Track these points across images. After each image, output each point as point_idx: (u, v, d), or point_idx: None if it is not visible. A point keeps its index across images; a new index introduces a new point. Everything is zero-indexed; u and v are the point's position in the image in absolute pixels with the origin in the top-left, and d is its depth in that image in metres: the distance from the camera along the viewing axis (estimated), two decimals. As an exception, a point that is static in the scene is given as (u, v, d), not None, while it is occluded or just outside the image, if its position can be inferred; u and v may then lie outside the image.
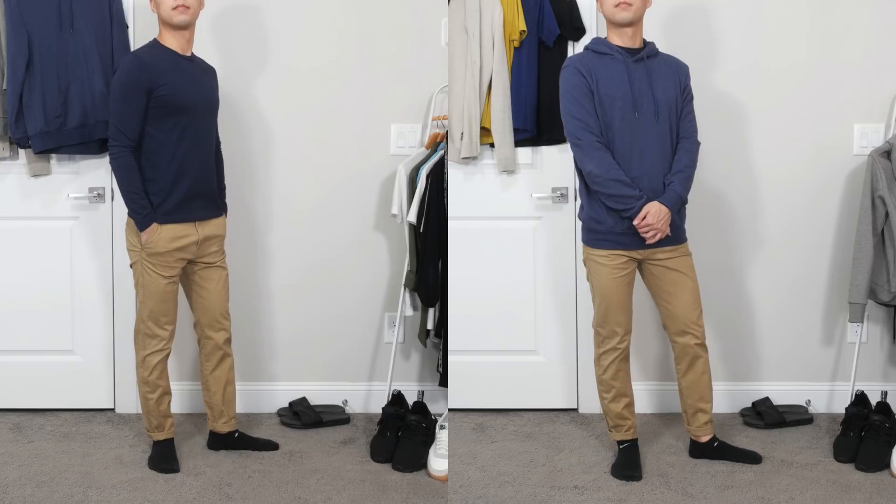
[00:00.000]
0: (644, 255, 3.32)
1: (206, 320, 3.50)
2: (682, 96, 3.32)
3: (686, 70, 3.36)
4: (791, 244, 3.94)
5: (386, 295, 4.07)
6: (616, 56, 3.25)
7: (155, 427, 3.49)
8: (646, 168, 3.23)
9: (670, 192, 3.24)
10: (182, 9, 3.28)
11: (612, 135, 3.23)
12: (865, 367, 3.94)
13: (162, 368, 3.45)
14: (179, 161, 3.31)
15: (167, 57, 3.31)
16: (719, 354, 3.99)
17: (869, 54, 3.85)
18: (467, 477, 3.43)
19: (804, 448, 3.63)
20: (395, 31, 3.96)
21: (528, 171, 3.98)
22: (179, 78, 3.29)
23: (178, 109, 3.28)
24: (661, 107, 3.25)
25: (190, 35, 3.38)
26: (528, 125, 3.88)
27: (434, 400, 3.98)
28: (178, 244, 3.35)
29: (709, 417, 3.47)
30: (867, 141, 3.86)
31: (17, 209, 3.94)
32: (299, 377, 4.10)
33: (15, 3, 3.68)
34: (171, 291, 3.39)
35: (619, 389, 3.43)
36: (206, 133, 3.41)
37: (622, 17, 3.21)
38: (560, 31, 3.85)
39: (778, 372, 4.01)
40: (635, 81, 3.24)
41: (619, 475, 3.39)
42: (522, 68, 3.87)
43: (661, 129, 3.25)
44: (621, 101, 3.22)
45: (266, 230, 4.01)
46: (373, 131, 3.99)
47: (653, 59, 3.30)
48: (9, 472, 3.42)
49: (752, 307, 3.98)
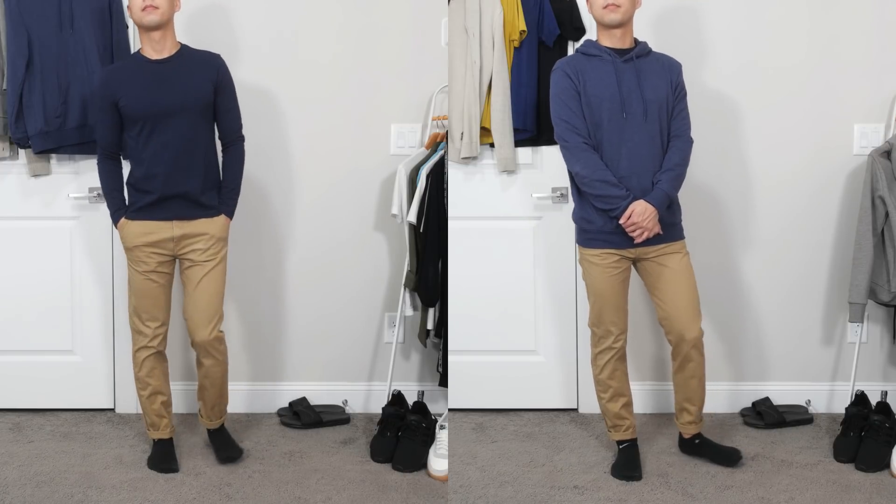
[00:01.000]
0: (636, 254, 3.32)
1: (191, 321, 3.42)
2: (673, 94, 3.31)
3: (678, 68, 3.35)
4: (791, 244, 3.94)
5: (386, 295, 4.07)
6: (605, 57, 3.26)
7: (150, 425, 3.51)
8: (634, 168, 3.24)
9: (657, 191, 3.23)
10: (150, 9, 3.28)
11: (601, 135, 3.24)
12: (865, 367, 3.94)
13: (151, 367, 3.44)
14: (146, 164, 3.34)
15: (135, 67, 3.37)
16: (719, 354, 3.99)
17: (869, 54, 3.85)
18: (467, 477, 3.43)
19: (804, 448, 3.63)
20: (395, 31, 3.96)
21: (527, 171, 3.98)
22: (140, 87, 3.31)
23: (139, 118, 3.32)
24: (650, 106, 3.25)
25: (162, 36, 3.34)
26: (528, 125, 3.88)
27: (434, 400, 3.98)
28: (148, 239, 3.36)
29: (693, 418, 3.47)
30: (867, 141, 3.86)
31: (17, 209, 3.94)
32: (299, 377, 4.10)
33: (15, 3, 3.68)
34: (149, 288, 3.38)
35: (617, 389, 3.43)
36: (178, 135, 3.34)
37: (610, 18, 3.22)
38: (560, 31, 3.86)
39: (778, 372, 4.01)
40: (624, 82, 3.24)
41: (619, 475, 3.39)
42: (522, 68, 3.87)
43: (651, 128, 3.25)
44: (609, 101, 3.23)
45: (266, 230, 4.01)
46: (373, 131, 3.99)
47: (643, 59, 3.30)
48: (9, 472, 3.42)
49: (752, 307, 3.98)
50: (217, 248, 3.43)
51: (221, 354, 3.48)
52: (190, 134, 3.37)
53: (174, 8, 3.38)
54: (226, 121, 3.47)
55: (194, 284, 3.40)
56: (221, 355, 3.48)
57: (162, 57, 3.36)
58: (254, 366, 4.06)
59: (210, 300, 3.41)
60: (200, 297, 3.39)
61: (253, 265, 4.02)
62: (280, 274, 4.02)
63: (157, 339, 3.44)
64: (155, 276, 3.39)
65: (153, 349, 3.43)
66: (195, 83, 3.38)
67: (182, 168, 3.35)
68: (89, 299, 3.98)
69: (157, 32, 3.34)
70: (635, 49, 3.29)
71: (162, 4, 3.29)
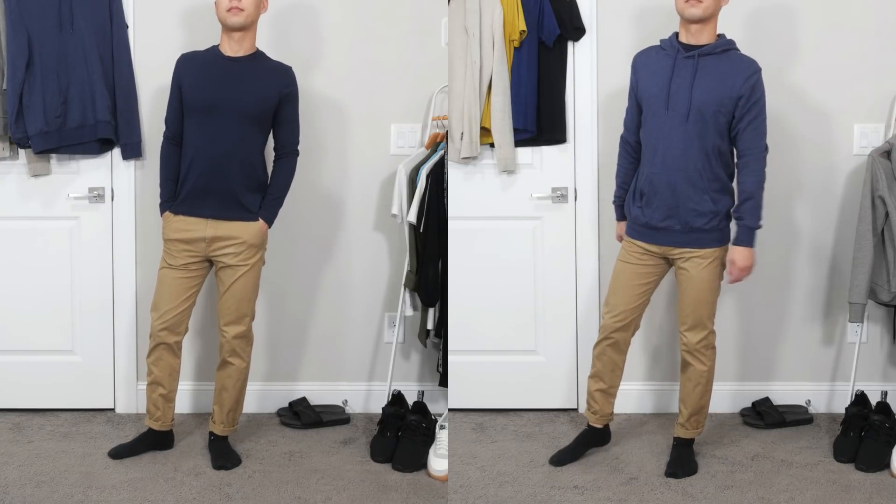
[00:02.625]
0: (662, 251, 3.34)
1: (221, 320, 3.50)
2: (738, 101, 3.17)
3: (752, 72, 3.17)
4: (791, 244, 3.94)
5: (386, 295, 4.07)
6: (668, 51, 3.26)
7: (146, 411, 3.58)
8: (665, 166, 3.24)
9: (742, 230, 3.23)
10: (236, 10, 3.33)
11: (646, 129, 3.30)
12: (865, 367, 3.94)
13: (157, 356, 3.48)
14: (191, 156, 3.40)
15: (209, 58, 3.42)
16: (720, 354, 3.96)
17: (869, 54, 3.85)
18: (467, 477, 3.43)
19: (804, 448, 3.63)
20: (395, 31, 3.96)
21: (528, 171, 3.98)
22: (204, 78, 3.37)
23: (194, 107, 3.38)
24: (694, 107, 3.18)
25: (242, 37, 3.39)
26: (528, 125, 3.88)
27: (434, 400, 3.98)
28: (182, 236, 3.41)
29: (681, 419, 3.46)
30: (867, 141, 3.86)
31: (17, 209, 3.94)
32: (299, 377, 4.10)
33: (15, 3, 3.68)
34: (168, 277, 3.43)
35: (599, 370, 3.46)
36: (227, 133, 3.37)
37: (690, 13, 3.17)
38: (560, 31, 3.85)
39: (778, 372, 4.01)
40: (676, 78, 3.21)
41: (554, 457, 3.50)
42: (522, 68, 3.87)
43: (689, 129, 3.19)
44: (656, 97, 3.24)
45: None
46: (373, 131, 3.99)
47: (708, 57, 3.20)
48: (9, 472, 3.42)
49: (752, 307, 3.98)
50: (250, 254, 3.46)
51: (245, 356, 3.54)
52: (236, 136, 3.39)
53: (260, 10, 3.42)
54: (284, 133, 3.51)
55: (225, 286, 3.46)
56: (244, 359, 3.54)
57: (237, 55, 3.40)
58: (254, 366, 4.04)
59: (238, 304, 3.46)
60: (229, 299, 3.46)
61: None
62: (279, 274, 4.02)
63: (162, 331, 3.45)
64: (178, 271, 3.43)
65: (159, 340, 3.46)
66: (260, 89, 3.41)
67: (221, 166, 3.39)
68: (89, 299, 3.98)
69: (238, 33, 3.38)
70: (707, 46, 3.20)
71: (248, 6, 3.34)
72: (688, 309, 3.32)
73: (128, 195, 3.94)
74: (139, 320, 3.98)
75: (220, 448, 3.56)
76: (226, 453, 3.54)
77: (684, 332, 3.35)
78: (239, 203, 3.42)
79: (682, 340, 3.37)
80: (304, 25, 3.95)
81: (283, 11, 3.93)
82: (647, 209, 3.31)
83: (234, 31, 3.38)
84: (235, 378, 3.53)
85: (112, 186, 3.93)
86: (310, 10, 3.95)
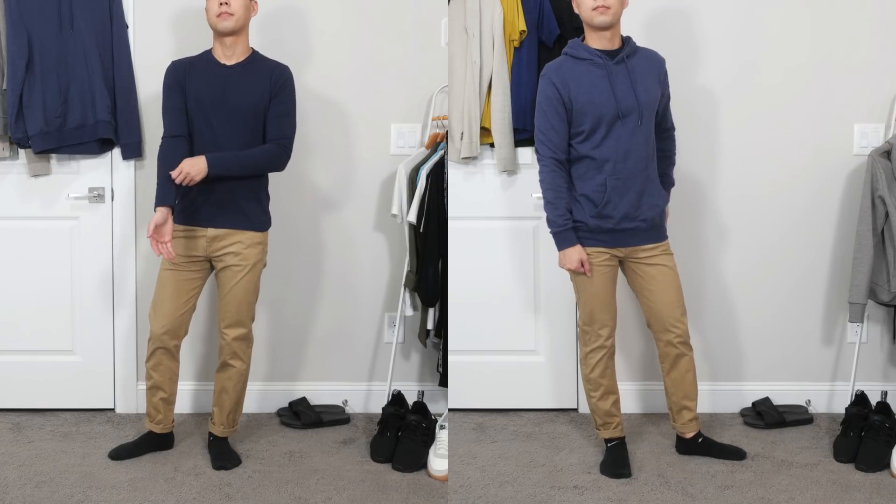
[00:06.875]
0: (625, 253, 3.34)
1: (221, 322, 3.49)
2: (663, 90, 3.34)
3: (663, 62, 3.34)
4: (791, 244, 3.94)
5: (386, 295, 4.07)
6: (596, 60, 3.25)
7: (146, 414, 3.58)
8: (630, 170, 3.26)
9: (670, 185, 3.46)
10: (225, 15, 3.33)
11: (599, 141, 3.24)
12: (865, 367, 3.94)
13: (157, 361, 3.48)
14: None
15: (204, 65, 3.41)
16: (720, 354, 3.99)
17: (869, 54, 3.85)
18: (467, 477, 3.43)
19: (804, 448, 3.63)
20: (395, 31, 3.96)
21: (528, 171, 3.98)
22: (205, 85, 3.36)
23: (196, 114, 3.36)
24: (644, 108, 3.25)
25: (234, 42, 3.39)
26: (529, 125, 3.88)
27: (434, 400, 3.99)
28: (184, 234, 3.40)
29: (693, 415, 3.48)
30: (867, 141, 3.86)
31: (17, 209, 3.94)
32: (299, 377, 4.10)
33: (15, 3, 3.69)
34: (170, 281, 3.41)
35: (607, 387, 3.45)
36: (225, 135, 3.37)
37: (600, 20, 3.21)
38: (560, 31, 3.86)
39: (778, 372, 4.01)
40: (617, 85, 3.23)
41: (609, 473, 3.40)
42: (522, 68, 3.87)
43: (645, 129, 3.27)
44: (604, 107, 3.22)
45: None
46: (373, 131, 3.99)
47: (633, 58, 3.29)
48: (9, 472, 3.42)
49: (752, 307, 3.98)
50: (251, 255, 3.44)
51: (245, 358, 3.53)
52: (235, 144, 3.37)
53: (250, 13, 3.41)
54: (272, 126, 3.41)
55: (226, 289, 3.45)
56: (244, 361, 3.53)
57: (230, 63, 3.40)
58: (254, 366, 4.05)
59: (238, 306, 3.46)
60: (229, 301, 3.45)
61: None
62: (279, 274, 4.02)
63: (163, 335, 3.43)
64: (180, 272, 3.41)
65: (159, 344, 3.45)
66: (254, 95, 3.39)
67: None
68: (89, 299, 3.99)
69: (229, 38, 3.38)
70: (625, 49, 3.28)
71: (237, 10, 3.34)
72: (673, 302, 3.34)
73: (128, 195, 3.94)
74: (139, 320, 3.98)
75: (220, 448, 3.55)
76: (226, 453, 3.54)
77: (675, 324, 3.35)
78: (241, 211, 3.41)
79: (673, 333, 3.35)
80: (304, 26, 3.95)
81: (283, 11, 3.93)
82: (605, 218, 3.27)
83: (225, 36, 3.37)
84: (236, 380, 3.53)
85: (112, 186, 3.94)
86: (310, 11, 3.95)
